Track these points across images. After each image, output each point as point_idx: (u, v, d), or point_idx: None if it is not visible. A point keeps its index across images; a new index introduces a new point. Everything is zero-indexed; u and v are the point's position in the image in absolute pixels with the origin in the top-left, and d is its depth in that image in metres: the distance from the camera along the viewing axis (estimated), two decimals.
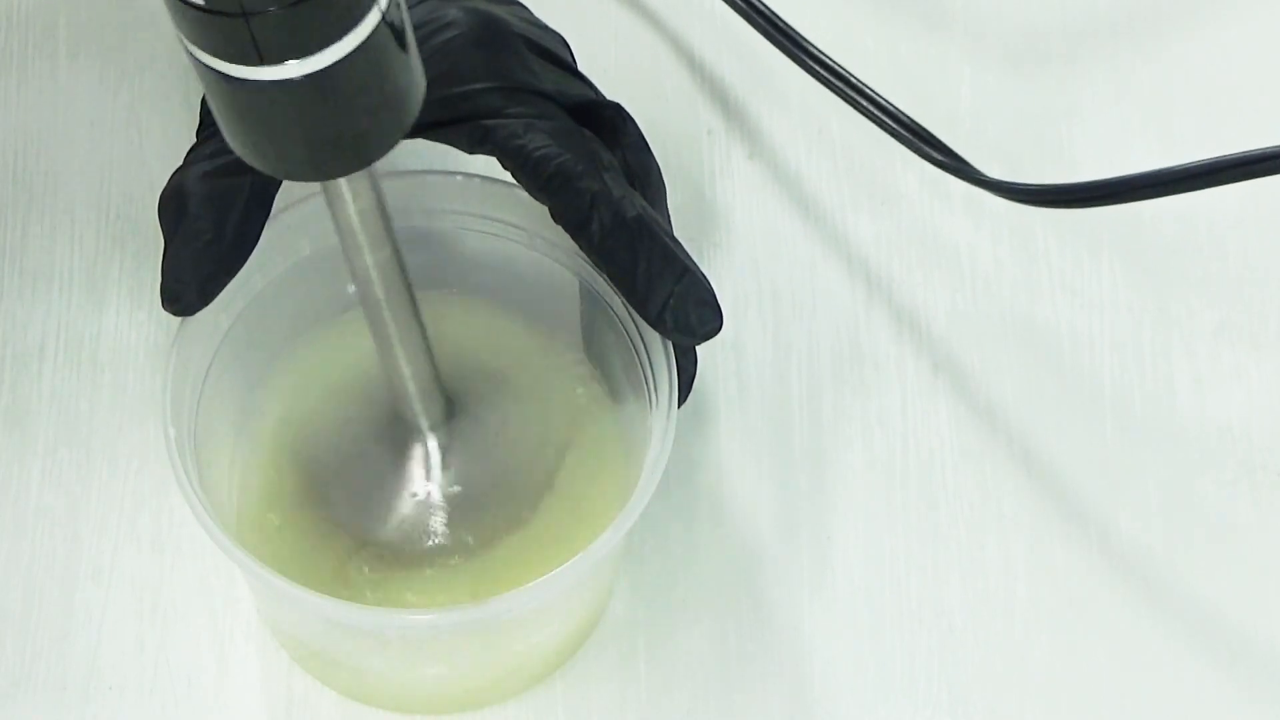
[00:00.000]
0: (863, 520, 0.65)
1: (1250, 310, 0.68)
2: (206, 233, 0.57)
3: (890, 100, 0.67)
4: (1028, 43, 0.73)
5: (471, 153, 0.59)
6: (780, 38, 0.69)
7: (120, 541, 0.64)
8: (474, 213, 0.62)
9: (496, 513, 0.60)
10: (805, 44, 0.68)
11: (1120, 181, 0.58)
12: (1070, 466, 0.65)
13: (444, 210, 0.62)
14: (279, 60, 0.47)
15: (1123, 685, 0.62)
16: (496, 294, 0.64)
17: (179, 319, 0.58)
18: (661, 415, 0.57)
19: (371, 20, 0.47)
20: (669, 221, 0.60)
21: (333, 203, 0.53)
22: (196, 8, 0.46)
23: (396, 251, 0.55)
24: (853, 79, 0.67)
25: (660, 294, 0.57)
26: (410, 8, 0.57)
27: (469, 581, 0.60)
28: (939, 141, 0.66)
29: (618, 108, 0.60)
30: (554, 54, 0.59)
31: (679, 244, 0.58)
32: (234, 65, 0.47)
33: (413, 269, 0.62)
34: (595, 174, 0.57)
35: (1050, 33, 0.73)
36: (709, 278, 0.59)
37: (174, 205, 0.57)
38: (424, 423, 0.60)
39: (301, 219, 0.61)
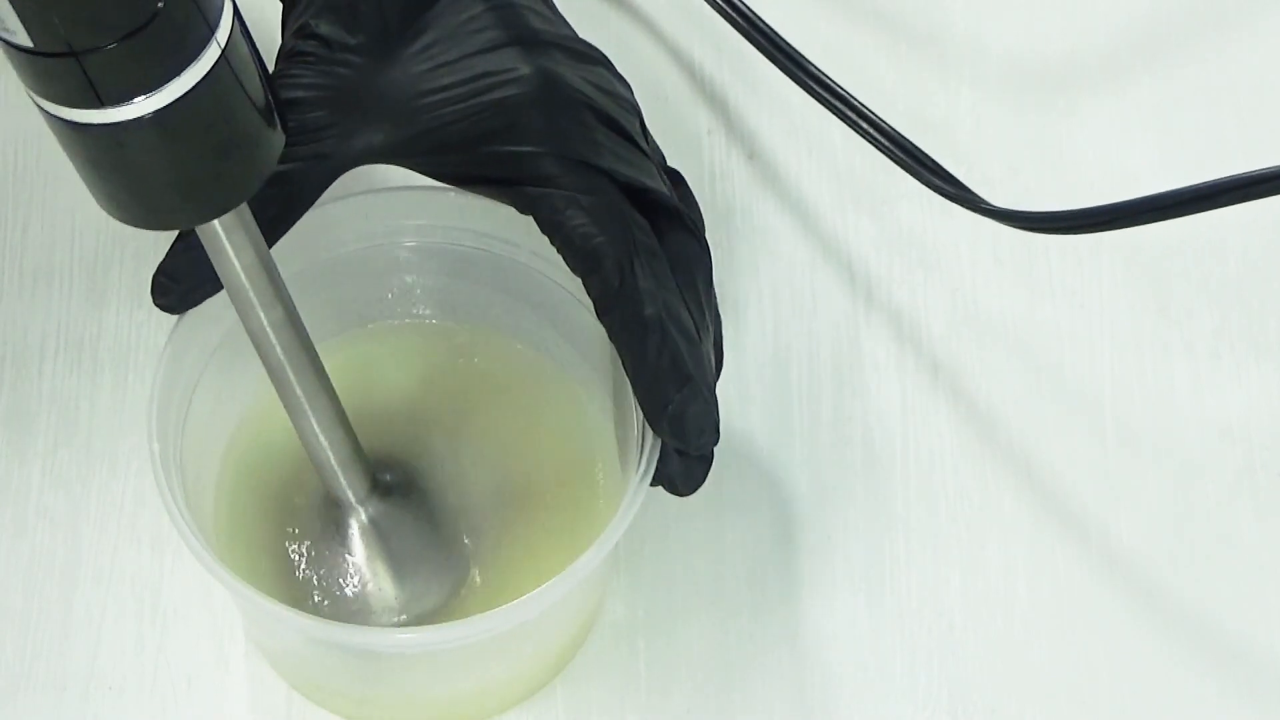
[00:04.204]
0: (862, 520, 0.65)
1: (1250, 310, 0.68)
2: None
3: (890, 123, 0.66)
4: (1029, 48, 0.73)
5: (522, 213, 0.58)
6: (782, 59, 0.68)
7: (120, 541, 0.64)
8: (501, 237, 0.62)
9: (450, 573, 0.61)
10: (807, 64, 0.68)
11: (1121, 207, 0.58)
12: (1070, 467, 0.65)
13: (470, 230, 0.62)
14: (120, 100, 0.47)
15: (1122, 685, 0.62)
16: (521, 321, 0.64)
17: (173, 324, 0.58)
18: (649, 438, 0.57)
19: (212, 52, 0.47)
20: (704, 308, 0.59)
21: (216, 259, 0.53)
22: (27, 51, 0.45)
23: (291, 310, 0.55)
24: (854, 101, 0.67)
25: (661, 398, 0.56)
26: (484, 51, 0.57)
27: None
28: (941, 169, 0.65)
29: (674, 188, 0.59)
30: (619, 124, 0.58)
31: (699, 343, 0.57)
32: (72, 110, 0.47)
33: (451, 292, 0.62)
34: (625, 261, 0.56)
35: (1051, 38, 0.73)
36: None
37: None
38: (350, 496, 0.59)
39: (294, 236, 0.60)
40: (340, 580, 0.60)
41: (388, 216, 0.62)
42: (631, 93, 0.60)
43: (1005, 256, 0.69)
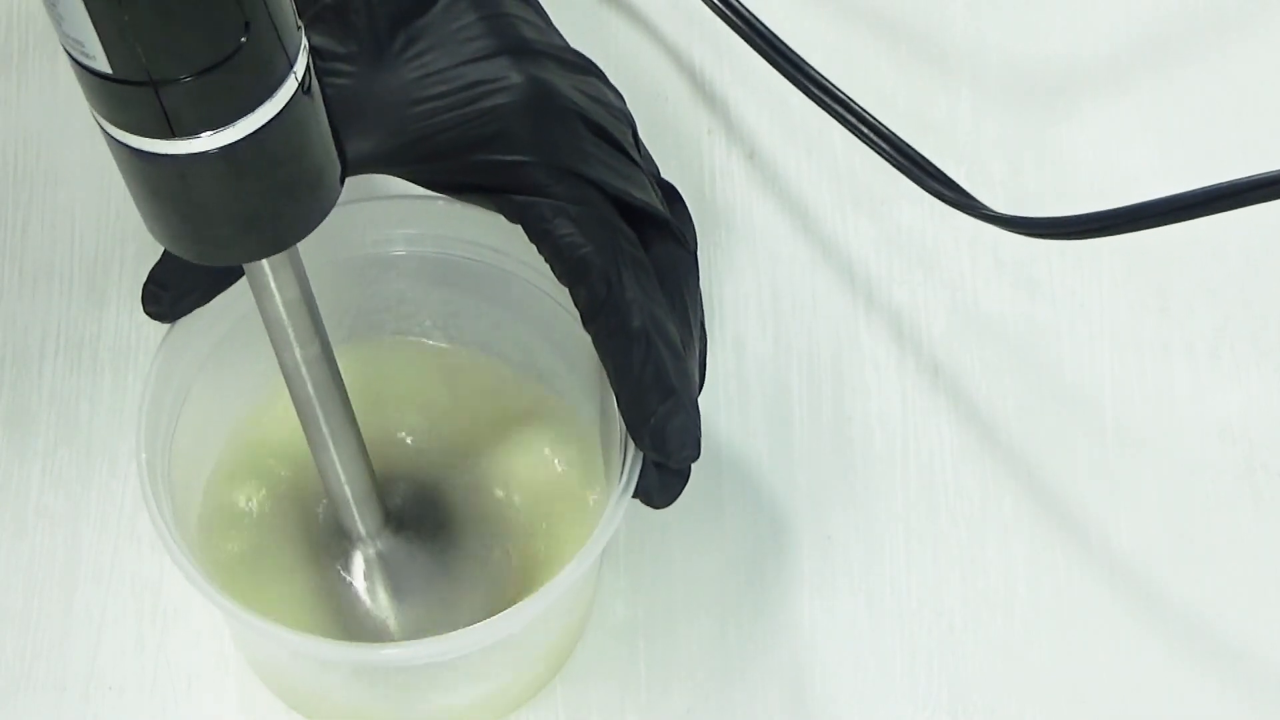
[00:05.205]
0: (862, 520, 0.65)
1: (1250, 310, 0.68)
2: None
3: (891, 125, 0.66)
4: (1029, 49, 0.73)
5: (511, 221, 0.58)
6: (782, 61, 0.68)
7: (120, 541, 0.64)
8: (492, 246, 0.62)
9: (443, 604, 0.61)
10: (806, 68, 0.68)
11: (1122, 212, 0.58)
12: (1070, 466, 0.65)
13: (461, 240, 0.62)
14: (191, 133, 0.46)
15: (1122, 685, 0.62)
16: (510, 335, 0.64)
17: (165, 332, 0.58)
18: (631, 449, 0.57)
19: (288, 88, 0.46)
20: (690, 321, 0.58)
21: (258, 293, 0.52)
22: (103, 77, 0.45)
23: (326, 347, 0.54)
24: (855, 105, 0.66)
25: (644, 410, 0.56)
26: (475, 60, 0.56)
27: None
28: (942, 174, 0.65)
29: (667, 201, 0.59)
30: (610, 134, 0.58)
31: (684, 356, 0.57)
32: (143, 139, 0.46)
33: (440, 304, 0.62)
34: (613, 271, 0.56)
35: (1051, 39, 0.73)
36: (709, 278, 0.58)
37: None
38: (362, 529, 0.59)
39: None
40: (339, 605, 0.60)
41: (377, 225, 0.62)
42: (624, 102, 0.60)
43: (1005, 257, 0.69)
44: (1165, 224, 0.57)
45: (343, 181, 0.51)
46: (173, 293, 0.57)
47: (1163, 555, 0.64)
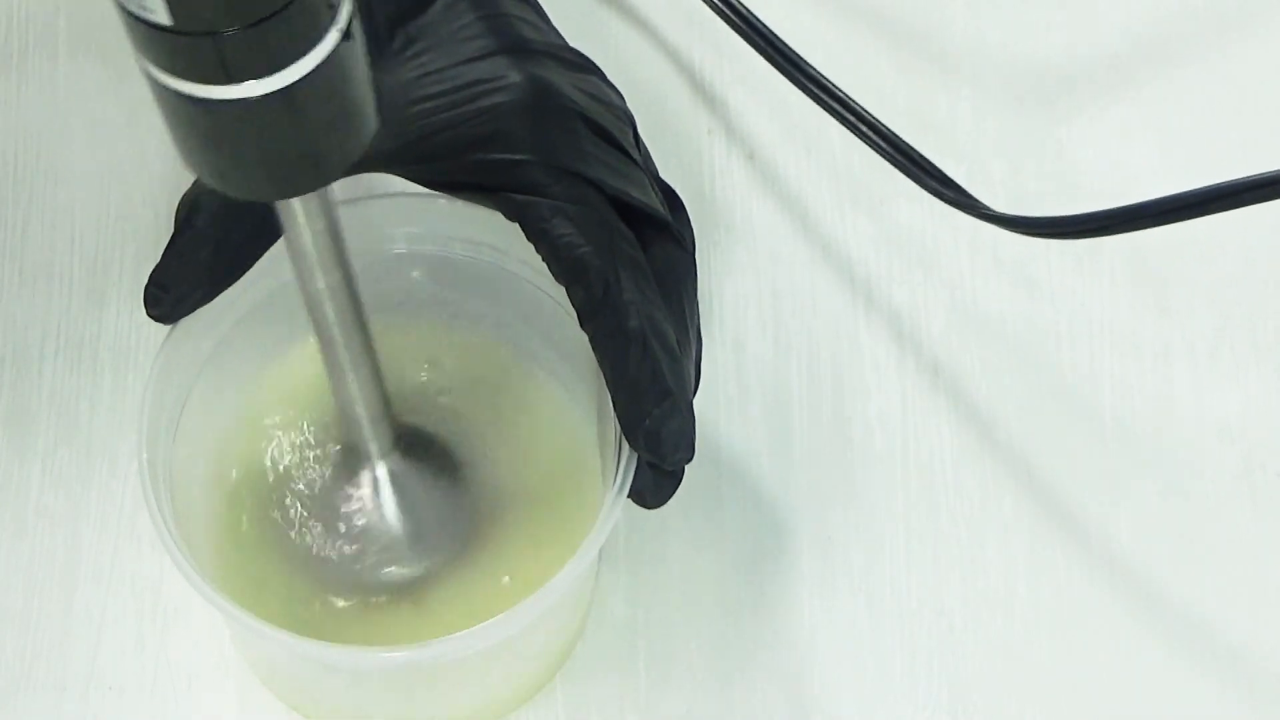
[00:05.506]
0: (862, 520, 0.65)
1: (1250, 310, 0.68)
2: (206, 248, 0.57)
3: (891, 124, 0.66)
4: (1030, 49, 0.73)
5: (510, 220, 0.58)
6: (781, 60, 0.68)
7: (120, 541, 0.64)
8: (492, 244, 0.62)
9: (450, 543, 0.60)
10: (806, 67, 0.67)
11: (1122, 212, 0.58)
12: (1070, 466, 0.65)
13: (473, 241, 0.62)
14: (245, 78, 0.46)
15: (1122, 685, 0.62)
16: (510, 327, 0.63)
17: (167, 330, 0.58)
18: (626, 449, 0.57)
19: (339, 28, 0.47)
20: (687, 323, 0.58)
21: (287, 225, 0.52)
22: (162, 29, 0.45)
23: (349, 276, 0.54)
24: (854, 104, 0.66)
25: (638, 411, 0.56)
26: (474, 60, 0.56)
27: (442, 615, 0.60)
28: (942, 174, 0.65)
29: (662, 205, 0.59)
30: (609, 134, 0.58)
31: (681, 358, 0.57)
32: (199, 85, 0.46)
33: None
34: (611, 271, 0.56)
35: (1052, 38, 0.73)
36: (708, 278, 0.58)
37: (184, 214, 0.57)
38: (374, 449, 0.59)
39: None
40: (341, 601, 0.60)
41: (378, 223, 0.62)
42: (624, 101, 0.60)
43: (1005, 256, 0.69)
44: (1165, 224, 0.57)
45: (381, 113, 0.51)
46: (174, 294, 0.57)
47: (1163, 555, 0.64)
